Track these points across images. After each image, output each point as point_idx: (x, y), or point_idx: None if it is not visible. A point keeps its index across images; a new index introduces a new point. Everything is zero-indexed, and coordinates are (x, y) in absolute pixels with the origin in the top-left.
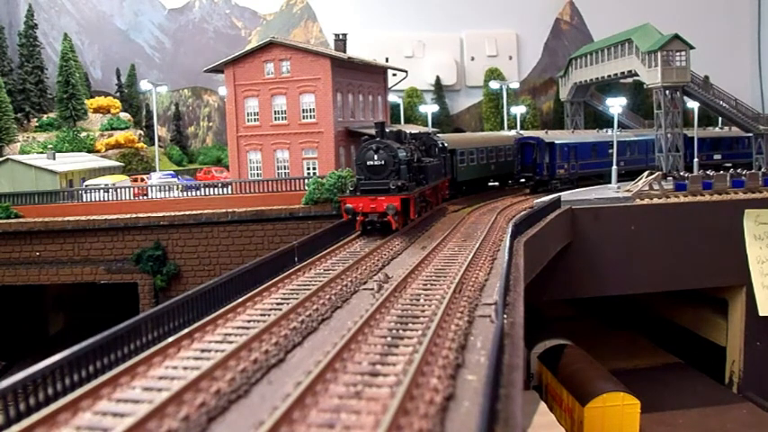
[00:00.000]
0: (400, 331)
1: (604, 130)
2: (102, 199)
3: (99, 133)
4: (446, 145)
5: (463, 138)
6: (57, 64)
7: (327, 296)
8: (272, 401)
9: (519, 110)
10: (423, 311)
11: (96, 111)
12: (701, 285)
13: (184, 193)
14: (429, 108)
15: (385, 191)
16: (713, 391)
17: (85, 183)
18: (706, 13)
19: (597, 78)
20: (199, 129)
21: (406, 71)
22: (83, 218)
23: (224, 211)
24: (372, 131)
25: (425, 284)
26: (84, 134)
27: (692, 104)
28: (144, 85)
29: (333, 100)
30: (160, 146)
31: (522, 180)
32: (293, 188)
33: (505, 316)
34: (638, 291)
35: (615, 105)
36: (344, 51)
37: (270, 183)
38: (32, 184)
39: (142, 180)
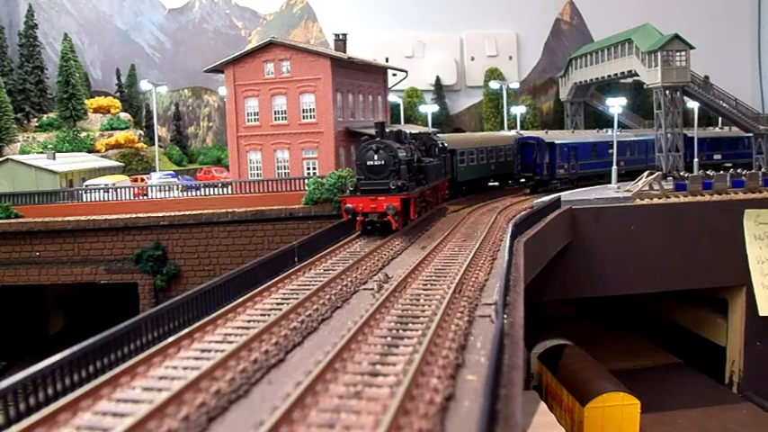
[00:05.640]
0: (400, 331)
1: (604, 130)
2: (102, 199)
3: (99, 133)
4: (446, 145)
5: (463, 138)
6: (57, 64)
7: (327, 296)
8: (272, 401)
9: (519, 110)
10: (423, 311)
11: (96, 111)
12: (700, 285)
13: (184, 193)
14: (429, 108)
15: (385, 191)
16: (713, 391)
17: (85, 183)
18: (706, 13)
19: (597, 78)
20: (199, 129)
21: (406, 71)
22: (83, 218)
23: (224, 211)
24: (372, 131)
25: (425, 284)
26: (84, 134)
27: (692, 104)
28: (144, 85)
29: (333, 100)
30: (160, 146)
31: (522, 180)
32: (293, 188)
33: (505, 316)
34: (638, 291)
35: (615, 105)
36: (344, 51)
37: (270, 183)
38: (32, 184)
39: (142, 180)
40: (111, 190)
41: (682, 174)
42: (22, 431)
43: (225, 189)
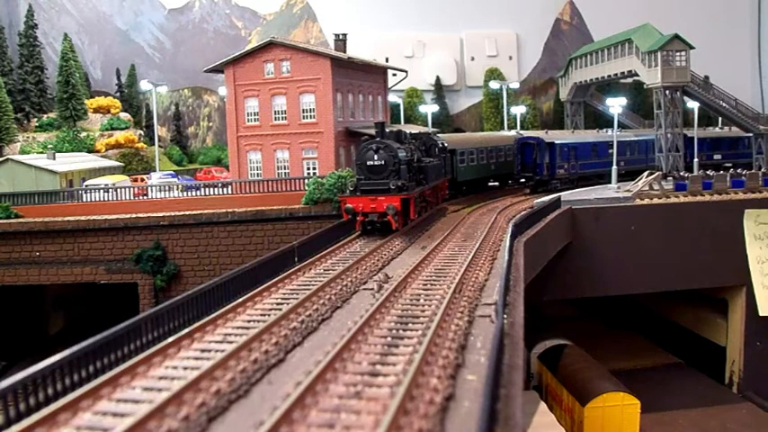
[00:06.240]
0: (400, 331)
1: (604, 130)
2: (102, 199)
3: (99, 133)
4: (446, 145)
5: (463, 138)
6: (57, 64)
7: (327, 296)
8: (272, 401)
9: (519, 110)
10: (423, 311)
11: (96, 111)
12: (700, 285)
13: (184, 193)
14: (429, 108)
15: (385, 191)
16: (713, 391)
17: (85, 183)
18: (706, 13)
19: (597, 78)
20: (199, 129)
21: (406, 71)
22: (83, 218)
23: (224, 211)
24: (372, 131)
25: (425, 284)
26: (84, 134)
27: (692, 104)
28: (144, 85)
29: (333, 100)
30: (160, 146)
31: (522, 180)
32: (293, 188)
33: (505, 316)
34: (638, 291)
35: (615, 105)
36: (344, 51)
37: (270, 183)
38: (32, 184)
39: (142, 180)
40: (111, 190)
41: (682, 174)
42: (22, 431)
43: (225, 189)
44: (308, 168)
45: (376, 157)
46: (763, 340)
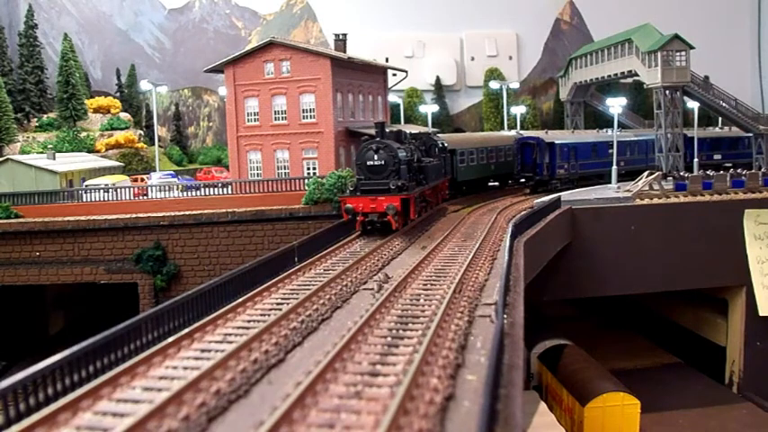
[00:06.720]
0: (400, 331)
1: (604, 130)
2: (102, 199)
3: (99, 133)
4: (446, 145)
5: (463, 138)
6: (57, 64)
7: (327, 296)
8: (272, 401)
9: (519, 110)
10: (423, 311)
11: (96, 111)
12: (701, 285)
13: (184, 193)
14: (429, 108)
15: (385, 191)
16: (713, 391)
17: (85, 183)
18: (706, 13)
19: (597, 78)
20: (199, 129)
21: (406, 71)
22: (83, 218)
23: (224, 211)
24: (372, 131)
25: (425, 284)
26: (84, 134)
27: (692, 104)
28: (144, 85)
29: (333, 100)
30: (160, 146)
31: (522, 180)
32: (293, 188)
33: (505, 316)
34: (638, 291)
35: (615, 105)
36: (344, 51)
37: (270, 183)
38: (32, 184)
39: (142, 180)
40: (111, 190)
41: (682, 174)
42: (22, 431)
43: (225, 189)
44: (308, 168)
45: (376, 157)
46: (763, 340)
